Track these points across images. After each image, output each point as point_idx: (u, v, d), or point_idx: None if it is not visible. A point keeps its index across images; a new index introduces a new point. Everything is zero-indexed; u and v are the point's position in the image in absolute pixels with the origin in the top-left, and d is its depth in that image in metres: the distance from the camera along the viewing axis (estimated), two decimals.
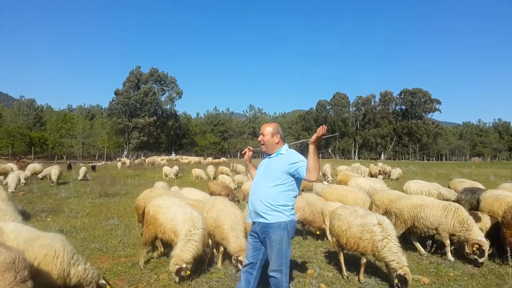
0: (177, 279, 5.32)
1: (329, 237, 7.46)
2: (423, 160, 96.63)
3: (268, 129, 4.26)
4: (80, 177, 20.58)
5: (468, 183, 12.42)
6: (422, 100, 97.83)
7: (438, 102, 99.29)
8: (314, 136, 3.88)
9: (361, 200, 9.29)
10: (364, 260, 5.67)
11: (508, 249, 6.21)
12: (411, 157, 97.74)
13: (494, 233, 7.00)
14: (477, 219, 7.22)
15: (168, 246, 6.31)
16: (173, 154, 63.81)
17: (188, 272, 5.30)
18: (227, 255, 6.30)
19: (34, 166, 22.30)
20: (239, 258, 5.63)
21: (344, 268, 5.93)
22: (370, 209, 8.39)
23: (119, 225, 9.54)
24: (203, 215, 6.18)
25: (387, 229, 5.38)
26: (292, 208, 4.10)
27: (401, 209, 7.42)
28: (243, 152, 4.68)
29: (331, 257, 6.88)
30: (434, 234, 7.11)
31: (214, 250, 6.69)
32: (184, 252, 5.31)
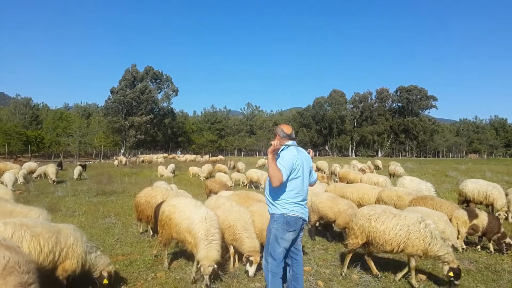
0: (209, 282, 5.14)
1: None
2: (420, 157, 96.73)
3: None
4: (75, 177, 20.51)
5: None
6: (418, 97, 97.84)
7: (435, 99, 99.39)
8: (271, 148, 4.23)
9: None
10: (413, 263, 5.39)
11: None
12: (408, 154, 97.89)
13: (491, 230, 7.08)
14: (474, 216, 7.27)
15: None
16: (179, 152, 63.39)
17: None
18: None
19: (29, 164, 22.24)
20: (251, 259, 5.57)
21: (346, 266, 5.91)
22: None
23: (116, 223, 9.52)
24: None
25: (430, 225, 5.31)
26: (286, 203, 4.31)
27: None
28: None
29: (328, 254, 6.91)
30: None
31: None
32: (212, 252, 5.13)
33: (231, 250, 6.13)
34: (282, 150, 4.38)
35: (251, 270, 5.61)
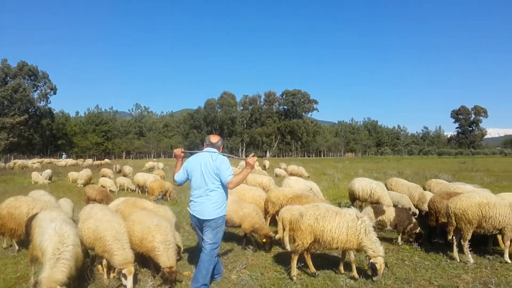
0: None
1: (286, 243, 6.91)
2: (304, 156, 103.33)
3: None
4: None
5: (445, 185, 10.67)
6: (302, 100, 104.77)
7: (316, 102, 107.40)
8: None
9: (259, 197, 9.46)
10: (353, 256, 5.93)
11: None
12: (294, 154, 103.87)
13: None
14: (381, 212, 7.78)
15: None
16: (64, 156, 58.03)
17: None
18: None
19: None
20: (124, 271, 5.26)
21: (294, 269, 5.88)
22: (265, 206, 8.88)
23: None
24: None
25: (365, 221, 5.61)
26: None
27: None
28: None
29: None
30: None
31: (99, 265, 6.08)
32: (56, 273, 4.61)
33: (104, 262, 5.80)
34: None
35: (128, 283, 5.29)
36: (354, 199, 10.97)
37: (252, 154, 5.75)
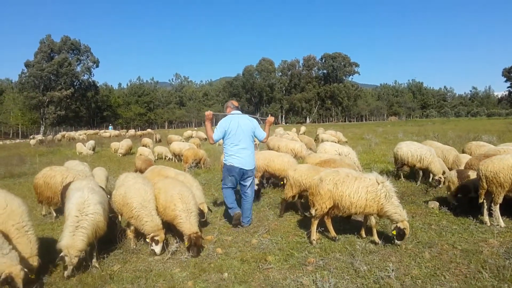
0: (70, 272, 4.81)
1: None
2: (345, 121, 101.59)
3: None
4: None
5: (489, 148, 9.72)
6: (342, 64, 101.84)
7: (357, 65, 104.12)
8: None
9: (287, 163, 9.38)
10: (374, 221, 5.88)
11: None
12: (334, 119, 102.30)
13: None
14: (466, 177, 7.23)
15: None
16: (110, 127, 60.40)
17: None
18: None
19: None
20: (156, 238, 5.48)
21: (314, 234, 5.86)
22: None
23: None
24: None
25: (386, 186, 5.50)
26: (226, 155, 6.68)
27: None
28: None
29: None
30: None
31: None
32: (76, 242, 4.82)
33: (132, 227, 6.00)
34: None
35: (157, 248, 5.54)
36: (402, 164, 10.27)
37: (270, 114, 7.60)
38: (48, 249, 5.20)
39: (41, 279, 4.75)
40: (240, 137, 6.47)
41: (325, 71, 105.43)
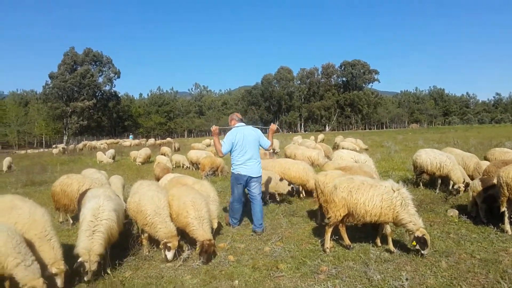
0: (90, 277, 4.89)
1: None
2: (365, 129, 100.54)
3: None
4: (4, 169, 19.42)
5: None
6: (362, 71, 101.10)
7: (376, 73, 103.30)
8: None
9: (303, 170, 9.31)
10: (389, 230, 5.60)
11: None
12: (354, 127, 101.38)
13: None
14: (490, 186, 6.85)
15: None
16: (131, 137, 61.07)
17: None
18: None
19: None
20: (169, 245, 5.47)
21: (328, 242, 5.75)
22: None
23: None
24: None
25: (403, 193, 5.38)
26: (234, 165, 6.93)
27: None
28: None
29: (247, 229, 7.08)
30: None
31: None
32: (95, 246, 4.90)
33: (145, 235, 6.03)
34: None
35: (170, 255, 5.53)
36: (421, 172, 10.07)
37: (272, 123, 7.50)
38: (64, 255, 5.24)
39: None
40: (246, 148, 6.78)
41: (344, 79, 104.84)
